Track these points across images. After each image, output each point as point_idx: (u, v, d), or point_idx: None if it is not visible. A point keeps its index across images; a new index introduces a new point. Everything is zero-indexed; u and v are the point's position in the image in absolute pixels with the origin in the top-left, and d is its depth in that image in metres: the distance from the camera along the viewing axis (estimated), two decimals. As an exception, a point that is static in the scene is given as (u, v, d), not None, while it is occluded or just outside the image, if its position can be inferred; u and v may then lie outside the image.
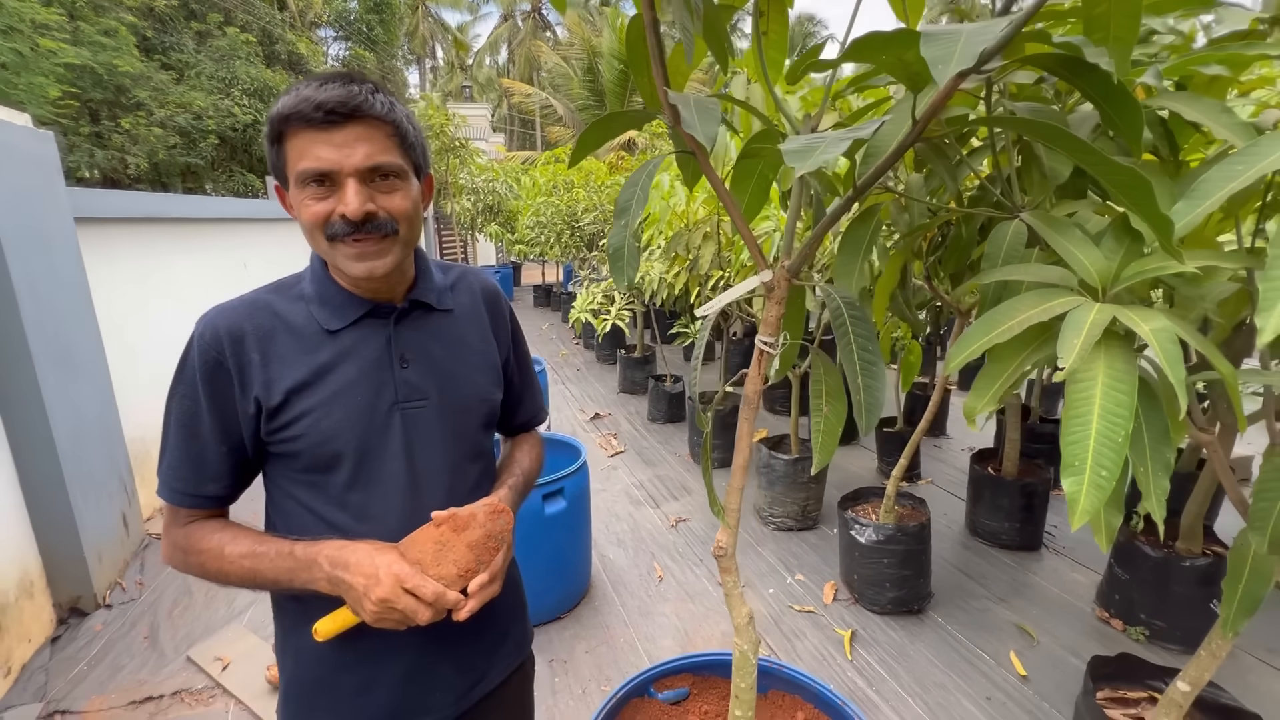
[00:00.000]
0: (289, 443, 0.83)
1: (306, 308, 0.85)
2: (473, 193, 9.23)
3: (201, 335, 0.81)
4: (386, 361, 0.87)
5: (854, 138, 0.59)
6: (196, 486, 0.84)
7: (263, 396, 0.81)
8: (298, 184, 0.78)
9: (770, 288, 0.91)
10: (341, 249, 0.80)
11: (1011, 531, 3.03)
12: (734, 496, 1.02)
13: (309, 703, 0.90)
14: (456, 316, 0.96)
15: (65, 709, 2.10)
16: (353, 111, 0.75)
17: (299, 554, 0.79)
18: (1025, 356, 0.83)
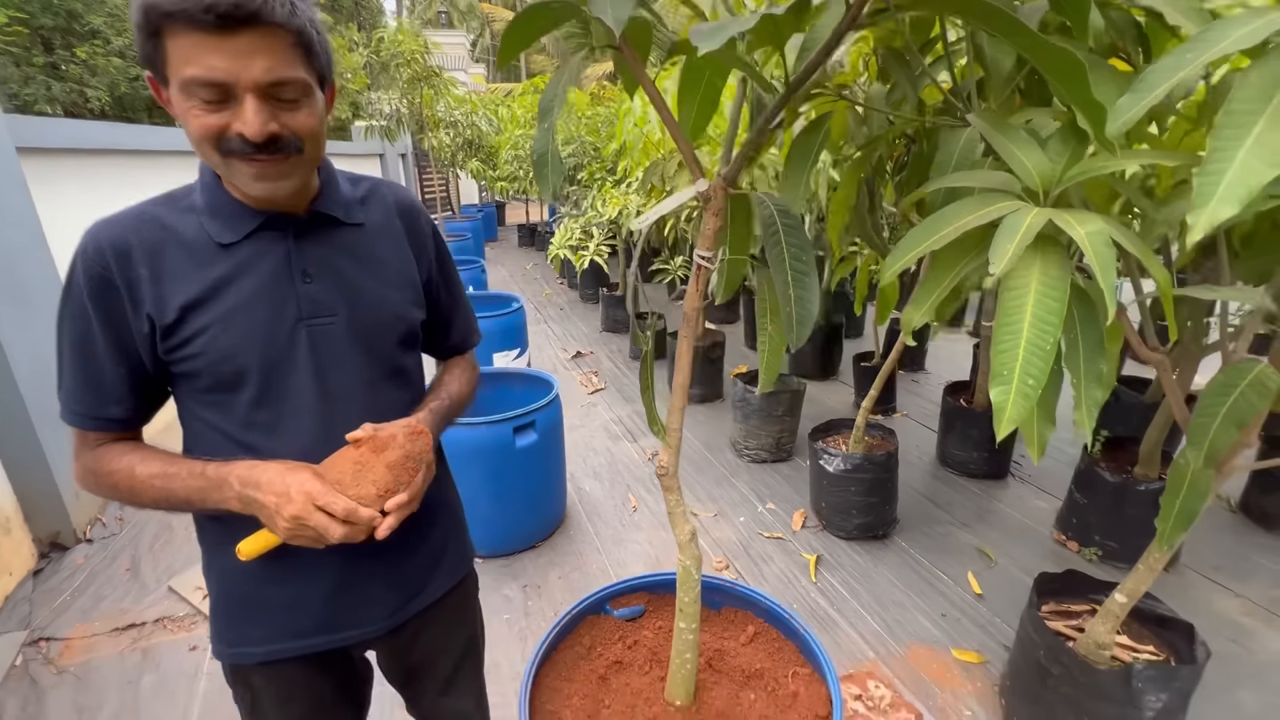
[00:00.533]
0: (188, 361, 0.79)
1: (198, 220, 0.80)
2: (451, 126, 8.86)
3: (84, 251, 0.76)
4: (287, 276, 0.82)
5: (764, 13, 0.54)
6: (98, 409, 0.81)
7: (155, 314, 0.77)
8: (182, 91, 0.69)
9: (706, 198, 0.87)
10: (239, 166, 0.73)
11: (980, 461, 3.09)
12: (675, 417, 1.01)
13: (238, 619, 0.90)
14: (368, 231, 0.91)
15: (50, 636, 2.15)
16: (250, 16, 0.66)
17: (210, 474, 0.78)
18: (964, 264, 0.81)
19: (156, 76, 0.73)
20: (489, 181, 9.93)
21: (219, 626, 0.92)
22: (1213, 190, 0.60)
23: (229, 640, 0.91)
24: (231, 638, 0.91)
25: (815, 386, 4.33)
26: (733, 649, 1.34)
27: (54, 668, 2.03)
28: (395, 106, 7.69)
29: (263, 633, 0.90)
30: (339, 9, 18.00)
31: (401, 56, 6.77)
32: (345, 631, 0.93)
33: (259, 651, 0.90)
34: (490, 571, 2.46)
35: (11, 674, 2.00)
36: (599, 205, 4.17)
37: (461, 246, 7.38)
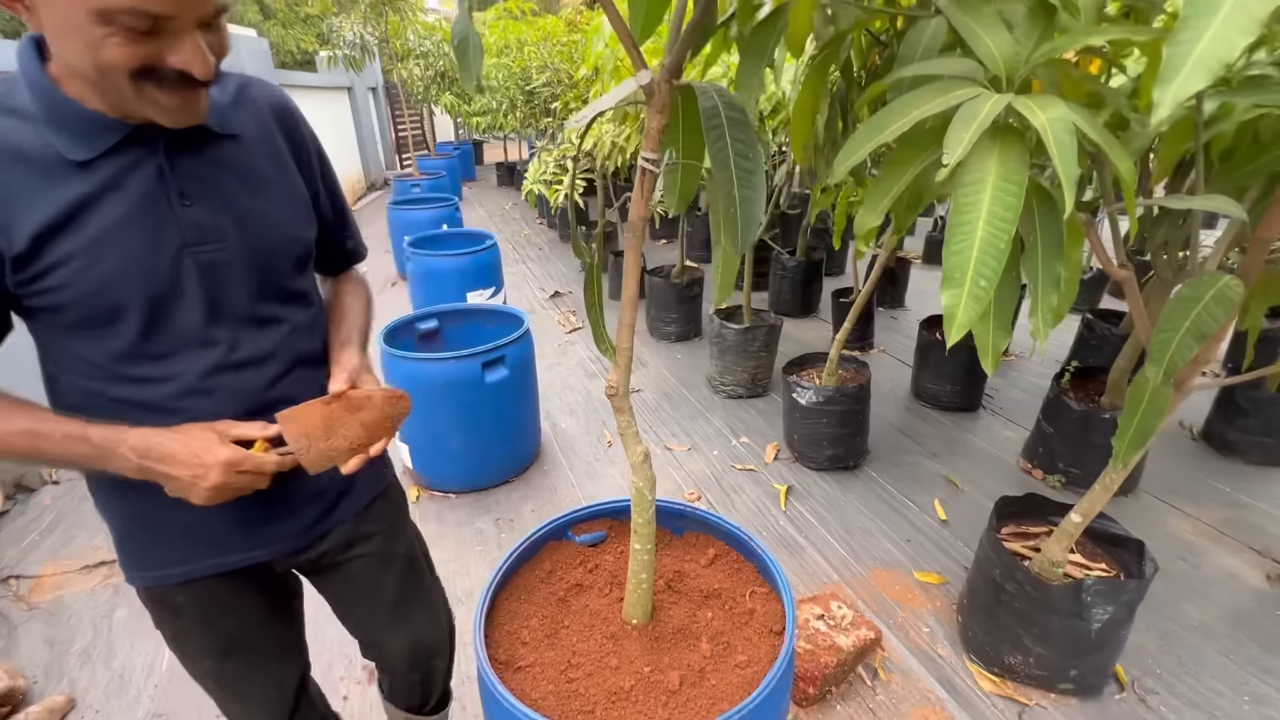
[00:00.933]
0: (50, 294, 0.71)
1: (34, 130, 0.68)
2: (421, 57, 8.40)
3: None
4: (163, 198, 0.74)
5: None
6: None
7: (3, 243, 0.68)
8: (97, 17, 0.58)
9: (650, 92, 0.80)
10: (158, 97, 0.66)
11: (953, 394, 3.12)
12: (624, 334, 0.97)
13: (150, 545, 0.88)
14: (245, 142, 0.82)
15: (19, 574, 2.15)
16: None
17: (95, 439, 0.72)
18: (921, 159, 0.75)
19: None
20: (464, 117, 9.50)
21: (131, 555, 0.89)
22: (1182, 62, 0.55)
23: (144, 565, 0.88)
24: (146, 562, 0.88)
25: (794, 323, 4.31)
26: (693, 570, 1.35)
27: (24, 604, 2.03)
28: (358, 33, 7.24)
29: (177, 554, 0.88)
30: (297, -73, 16.74)
31: (362, -24, 6.31)
32: (264, 548, 0.92)
33: (176, 573, 0.88)
34: (463, 506, 2.47)
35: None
36: (573, 137, 3.99)
37: (437, 184, 7.12)
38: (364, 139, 10.60)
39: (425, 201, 5.71)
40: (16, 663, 1.80)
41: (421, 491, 2.55)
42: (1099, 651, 1.59)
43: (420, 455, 2.49)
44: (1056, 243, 0.76)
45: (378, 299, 4.91)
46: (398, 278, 5.53)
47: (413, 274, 4.04)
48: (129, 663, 1.80)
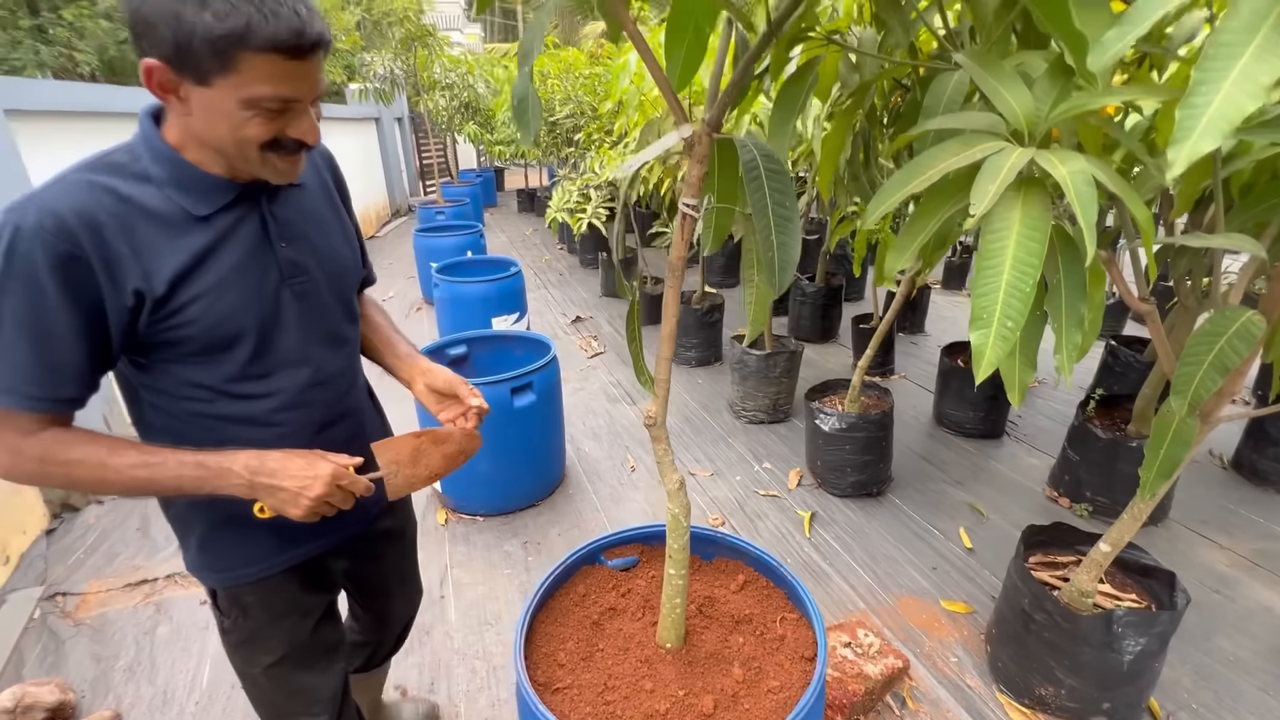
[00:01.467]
0: (180, 328, 0.81)
1: (161, 192, 0.80)
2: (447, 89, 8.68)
3: (40, 226, 0.71)
4: (266, 243, 0.88)
5: (738, -61, 0.53)
6: (53, 390, 0.77)
7: (145, 288, 0.78)
8: (244, 105, 0.73)
9: (691, 144, 0.86)
10: (277, 162, 0.81)
11: (976, 420, 3.12)
12: (662, 367, 1.02)
13: (228, 547, 0.97)
14: (308, 190, 0.97)
15: (66, 591, 2.22)
16: (319, 43, 0.75)
17: (209, 463, 0.82)
18: (947, 208, 0.80)
19: (182, 74, 0.72)
20: (487, 146, 9.77)
21: (208, 558, 0.98)
22: (1194, 124, 0.60)
23: (222, 567, 0.99)
24: (224, 564, 0.98)
25: (814, 349, 4.34)
26: (723, 596, 1.38)
27: (71, 620, 2.10)
28: (389, 67, 7.52)
29: (253, 554, 0.98)
30: (329, -34, 17.51)
31: (394, 15, 6.59)
32: (329, 537, 1.05)
33: (252, 572, 0.99)
34: (490, 529, 2.51)
35: (31, 626, 2.07)
36: (596, 167, 4.11)
37: (459, 212, 7.31)
38: (390, 167, 10.91)
39: (450, 229, 5.86)
40: (66, 677, 1.86)
41: (450, 514, 2.60)
42: (1132, 684, 1.57)
43: (450, 479, 2.55)
44: (1079, 284, 0.80)
45: (403, 323, 5.02)
46: (423, 303, 5.66)
47: (440, 300, 4.14)
48: (171, 679, 1.86)
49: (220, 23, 0.68)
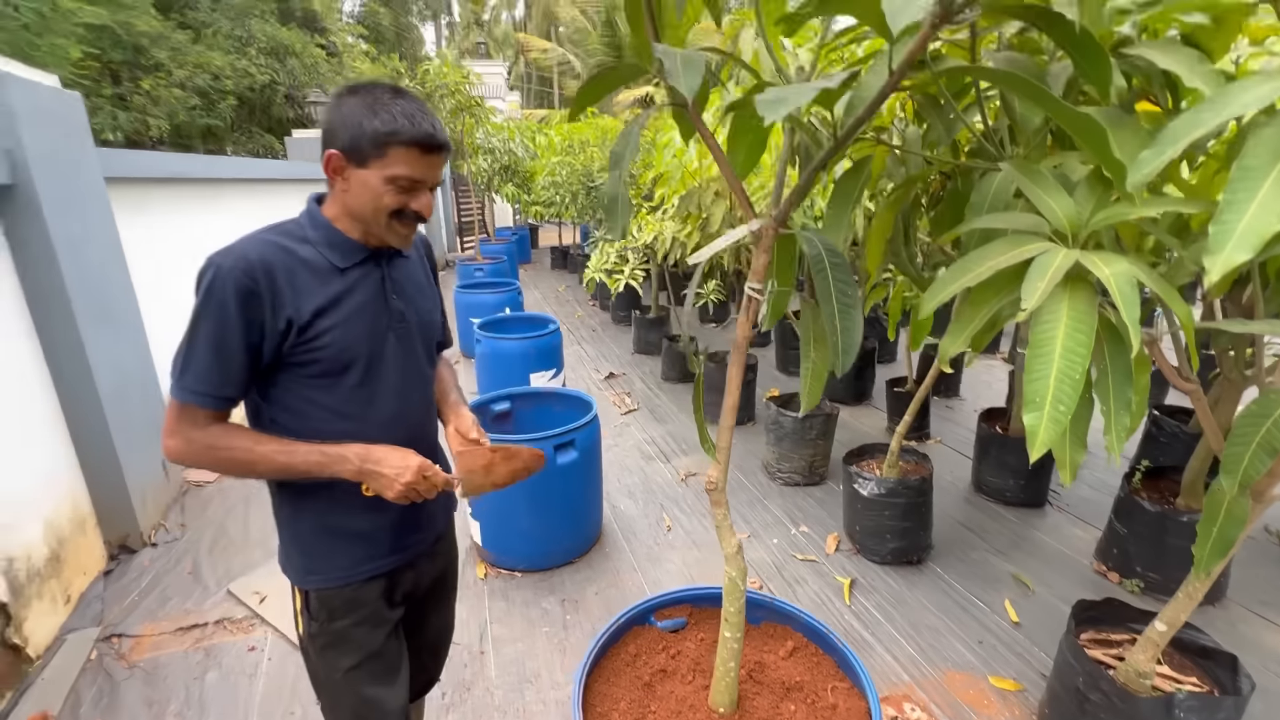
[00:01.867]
0: (312, 352, 1.04)
1: (315, 250, 1.07)
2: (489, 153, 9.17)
3: (234, 267, 0.98)
4: (381, 294, 1.13)
5: (822, 87, 0.63)
6: (220, 389, 1.02)
7: (294, 317, 1.02)
8: (386, 181, 1.02)
9: (758, 236, 0.96)
10: (398, 227, 1.07)
11: (1016, 489, 3.08)
12: (724, 435, 1.09)
13: (325, 552, 1.15)
14: (411, 261, 1.24)
15: (121, 632, 2.30)
16: (443, 146, 1.05)
17: (329, 451, 1.04)
18: (998, 299, 0.88)
19: (355, 161, 1.02)
20: (523, 205, 10.21)
21: (307, 561, 1.16)
22: (1226, 239, 0.67)
23: (318, 570, 1.15)
24: (320, 567, 1.15)
25: (848, 411, 4.35)
26: (773, 662, 1.39)
27: (125, 663, 2.16)
28: (438, 135, 8.00)
29: (344, 561, 1.16)
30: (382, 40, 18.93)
31: (446, 88, 7.09)
32: (405, 552, 1.22)
33: (340, 576, 1.16)
34: (528, 585, 2.54)
35: (88, 667, 2.14)
36: (635, 230, 4.30)
37: (497, 269, 7.60)
38: (431, 225, 11.42)
39: (489, 285, 6.10)
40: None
41: (489, 569, 2.63)
42: (1197, 774, 1.51)
43: (490, 533, 2.60)
44: (1125, 372, 0.86)
45: (447, 378, 5.11)
46: (461, 357, 5.84)
47: (480, 355, 4.29)
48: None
49: (383, 126, 0.98)
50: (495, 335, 4.20)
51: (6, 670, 2.01)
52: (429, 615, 1.41)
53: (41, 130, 2.37)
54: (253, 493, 3.31)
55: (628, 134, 0.90)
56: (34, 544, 2.24)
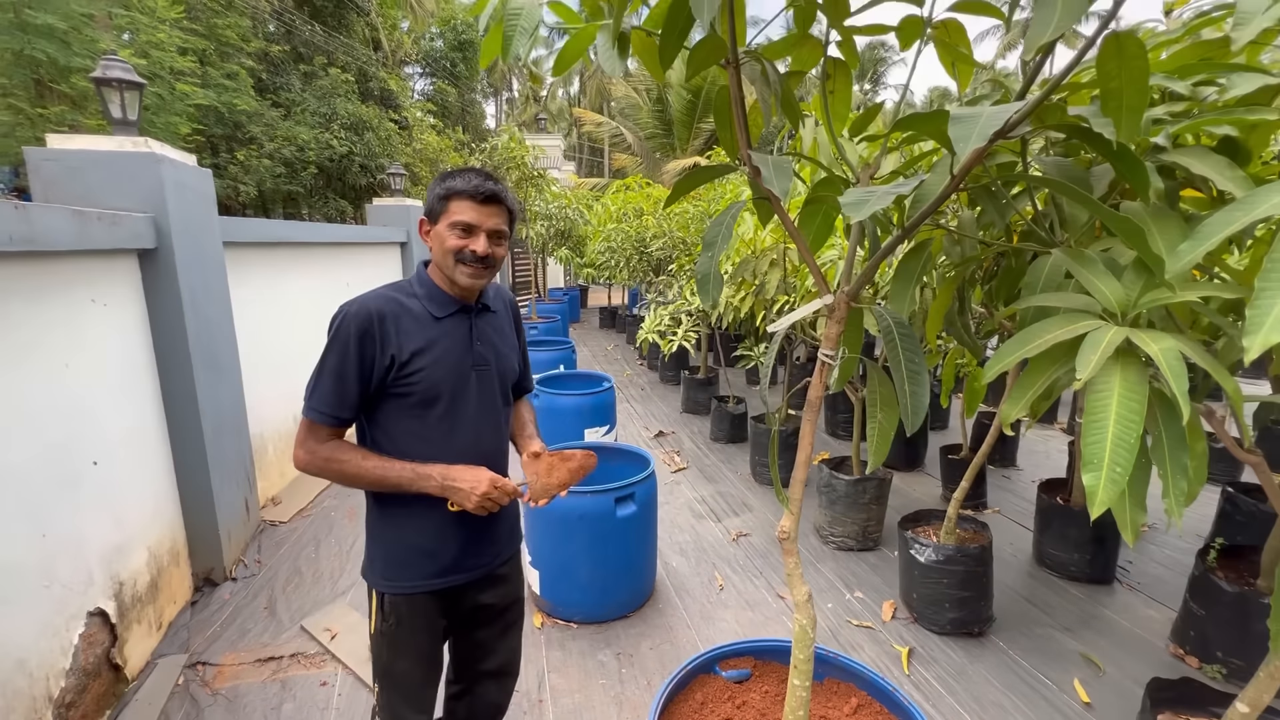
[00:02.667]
0: (409, 385, 1.27)
1: (419, 302, 1.32)
2: (546, 219, 9.72)
3: (357, 312, 1.25)
4: (468, 340, 1.36)
5: (898, 193, 0.77)
6: (337, 410, 1.26)
7: (397, 354, 1.26)
8: (449, 226, 1.28)
9: (831, 309, 1.09)
10: (462, 269, 1.30)
11: (1081, 563, 2.99)
12: (797, 487, 1.19)
13: (400, 563, 1.36)
14: (498, 315, 1.48)
15: (205, 660, 2.44)
16: (494, 197, 1.29)
17: (419, 470, 1.27)
18: (1054, 370, 0.97)
19: (430, 220, 1.32)
20: (575, 268, 10.68)
21: (384, 568, 1.36)
22: (1262, 321, 0.76)
23: (392, 577, 1.36)
24: (394, 574, 1.36)
25: (901, 477, 4.31)
26: (837, 718, 1.42)
27: (209, 689, 2.30)
28: (501, 202, 8.57)
29: (413, 573, 1.36)
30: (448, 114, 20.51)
31: (512, 161, 7.65)
32: (465, 573, 1.40)
33: (408, 585, 1.35)
34: (584, 637, 2.59)
35: (176, 691, 2.28)
36: (688, 294, 4.49)
37: (551, 327, 7.91)
38: (487, 285, 11.99)
39: (544, 343, 6.37)
40: (205, 744, 2.03)
41: (546, 619, 2.70)
42: None
43: (549, 582, 2.68)
44: (1180, 438, 0.93)
45: (505, 430, 5.26)
46: (514, 410, 6.05)
47: (537, 410, 4.47)
48: (294, 757, 1.99)
49: (446, 187, 1.27)
50: (551, 391, 4.39)
51: (107, 689, 2.17)
52: (494, 643, 1.55)
53: (181, 201, 2.74)
54: (322, 533, 3.50)
55: (721, 222, 1.06)
56: (139, 571, 2.45)
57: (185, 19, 10.36)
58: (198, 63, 10.69)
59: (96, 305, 2.28)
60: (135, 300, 2.58)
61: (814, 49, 1.26)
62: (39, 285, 1.98)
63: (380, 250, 6.19)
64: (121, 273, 2.48)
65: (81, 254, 2.18)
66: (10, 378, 1.83)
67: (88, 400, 2.17)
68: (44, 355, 1.99)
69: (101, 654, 2.15)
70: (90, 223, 2.13)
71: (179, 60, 9.73)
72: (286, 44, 14.29)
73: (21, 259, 1.89)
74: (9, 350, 1.83)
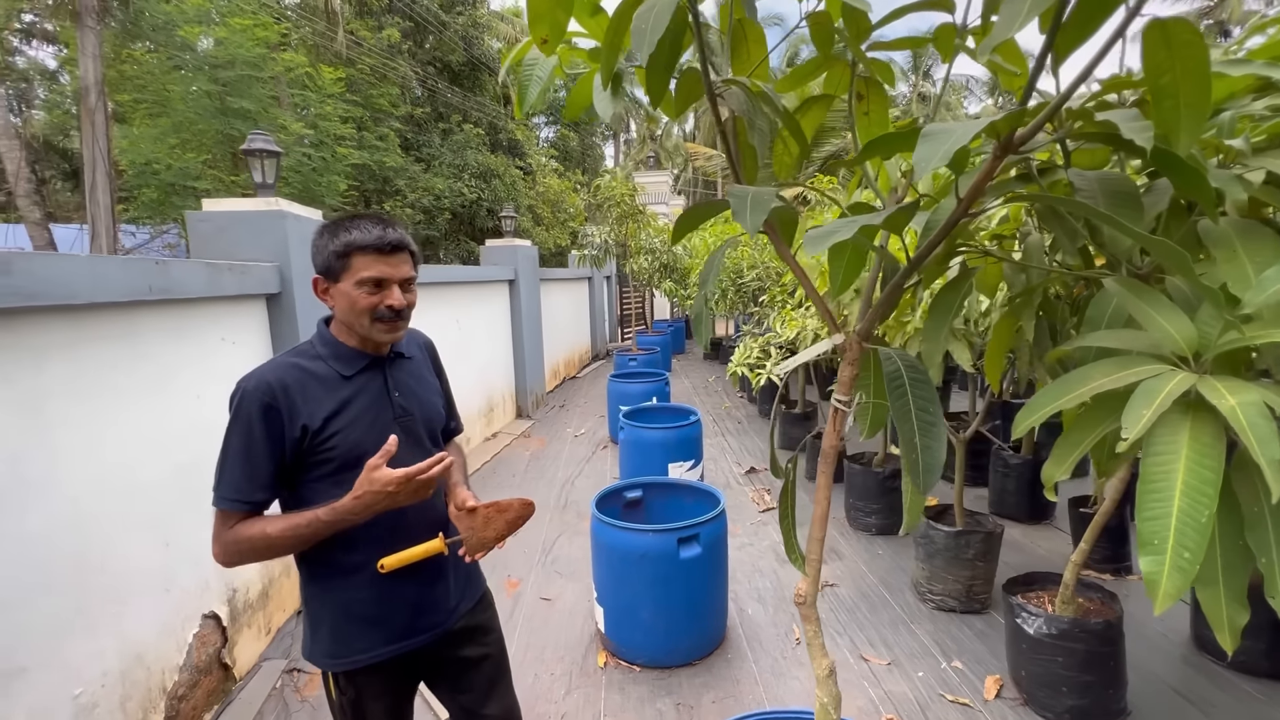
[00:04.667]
0: (328, 453, 1.19)
1: (324, 363, 1.24)
2: (650, 253, 9.91)
3: (255, 389, 1.16)
4: (385, 393, 1.29)
5: (862, 223, 0.68)
6: (249, 494, 1.16)
7: (309, 423, 1.18)
8: (356, 285, 1.19)
9: (843, 350, 0.99)
10: (379, 326, 1.23)
11: (1257, 653, 2.43)
12: (814, 547, 1.07)
13: (345, 636, 1.25)
14: (415, 361, 1.41)
15: (300, 668, 2.66)
16: (399, 246, 1.22)
17: (328, 513, 1.14)
18: (1106, 424, 0.80)
19: (329, 278, 1.21)
20: (680, 300, 10.76)
21: (328, 645, 1.26)
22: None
23: (338, 654, 1.25)
24: (342, 650, 1.25)
25: (1020, 530, 3.80)
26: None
27: (300, 696, 2.49)
28: (605, 239, 8.90)
29: (364, 644, 1.26)
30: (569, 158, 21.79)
31: (614, 199, 7.93)
32: (420, 635, 1.30)
33: (364, 658, 1.25)
34: (645, 681, 2.50)
35: (272, 694, 2.50)
36: (779, 326, 4.34)
37: (650, 360, 7.99)
38: (595, 317, 12.43)
39: (640, 376, 6.43)
40: (286, 748, 2.19)
41: (609, 659, 2.65)
42: None
43: (613, 621, 2.64)
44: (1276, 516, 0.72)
45: (591, 459, 5.41)
46: (609, 441, 6.13)
47: (624, 442, 4.49)
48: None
49: (340, 242, 1.17)
50: (638, 425, 4.39)
51: (216, 686, 2.43)
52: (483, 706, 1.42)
53: (303, 252, 3.11)
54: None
55: (713, 260, 1.00)
56: (252, 580, 2.73)
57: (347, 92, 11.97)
58: (356, 128, 12.26)
59: (226, 343, 2.63)
60: (262, 337, 2.95)
61: (842, 71, 1.18)
62: (176, 327, 2.32)
63: (491, 288, 6.62)
64: (249, 314, 2.85)
65: (213, 299, 2.53)
66: (147, 406, 2.14)
67: (214, 426, 2.49)
68: (178, 387, 2.32)
69: (213, 653, 2.41)
70: (221, 273, 2.48)
71: (341, 128, 11.22)
72: (429, 105, 15.99)
73: (161, 305, 2.23)
74: (147, 382, 2.16)
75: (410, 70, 14.98)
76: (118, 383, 2.02)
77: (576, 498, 4.65)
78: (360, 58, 13.14)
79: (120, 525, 1.99)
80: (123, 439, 2.03)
